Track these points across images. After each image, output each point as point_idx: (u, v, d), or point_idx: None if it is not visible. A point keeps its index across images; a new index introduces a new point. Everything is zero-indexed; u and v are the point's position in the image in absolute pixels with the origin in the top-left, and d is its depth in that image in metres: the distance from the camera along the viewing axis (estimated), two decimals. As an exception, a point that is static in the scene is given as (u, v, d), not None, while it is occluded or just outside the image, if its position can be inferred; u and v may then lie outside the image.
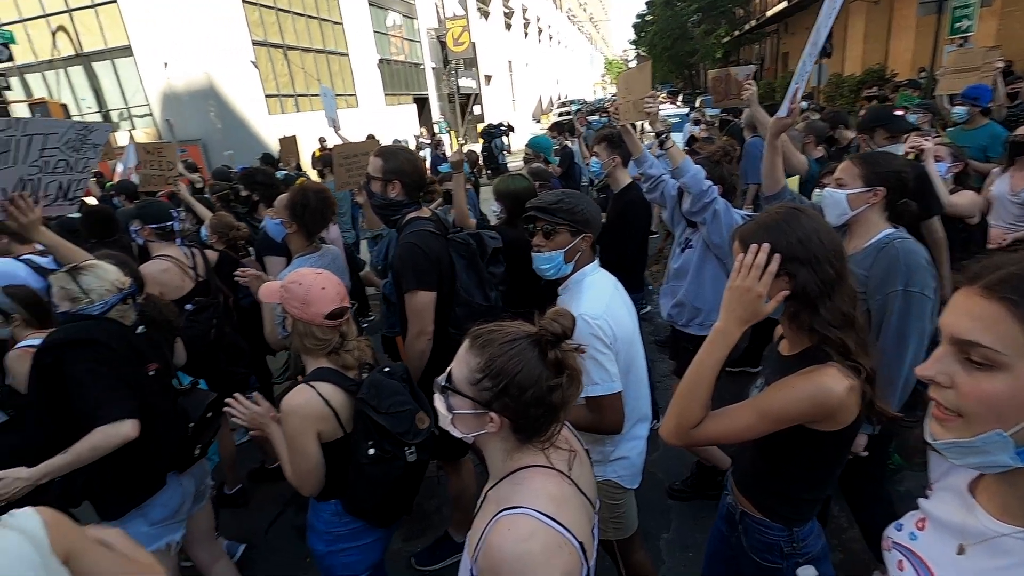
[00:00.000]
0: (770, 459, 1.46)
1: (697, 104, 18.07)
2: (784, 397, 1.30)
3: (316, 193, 2.74)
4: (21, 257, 3.22)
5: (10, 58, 10.73)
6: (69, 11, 13.86)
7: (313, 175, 8.73)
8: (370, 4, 20.88)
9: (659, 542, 2.77)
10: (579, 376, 1.09)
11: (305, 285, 1.75)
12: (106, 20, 13.71)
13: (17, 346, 2.41)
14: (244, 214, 4.39)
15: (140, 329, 2.06)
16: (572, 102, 35.09)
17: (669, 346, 3.74)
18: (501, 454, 1.13)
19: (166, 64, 13.32)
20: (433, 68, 26.52)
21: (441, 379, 1.13)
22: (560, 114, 28.05)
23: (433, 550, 2.80)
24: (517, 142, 21.38)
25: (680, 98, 30.47)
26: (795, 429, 1.31)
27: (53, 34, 14.13)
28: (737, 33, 28.13)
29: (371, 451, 1.72)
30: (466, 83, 27.96)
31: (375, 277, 3.49)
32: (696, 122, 10.15)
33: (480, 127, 25.39)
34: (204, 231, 3.56)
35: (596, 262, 1.99)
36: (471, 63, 28.23)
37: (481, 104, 29.25)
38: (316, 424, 1.71)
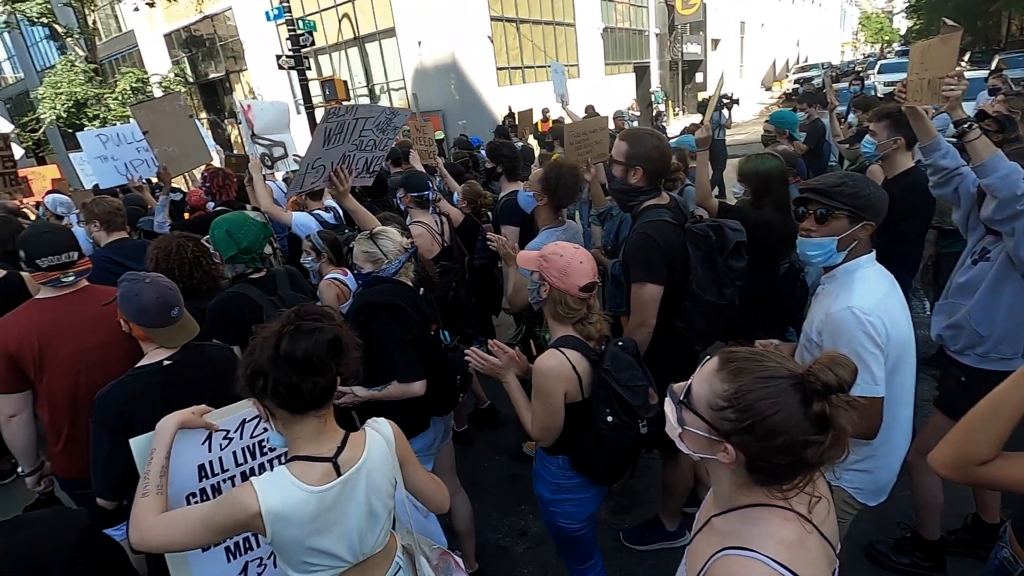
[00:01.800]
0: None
1: (994, 65, 13.95)
2: None
3: (569, 170, 2.92)
4: (312, 212, 4.08)
5: (312, 43, 13.27)
6: (352, 0, 16.50)
7: (532, 145, 9.17)
8: (600, -29, 20.78)
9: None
10: (846, 437, 0.94)
11: (566, 257, 1.89)
12: (378, 6, 16.00)
13: (325, 277, 3.09)
14: (483, 183, 4.86)
15: (422, 291, 2.42)
16: (813, 66, 30.53)
17: (940, 368, 3.19)
18: (730, 485, 1.04)
19: (420, 43, 15.10)
20: (657, 34, 25.46)
21: (679, 392, 1.08)
22: (796, 81, 24.69)
23: (643, 531, 2.86)
24: (740, 114, 19.55)
25: (967, 57, 24.06)
26: None
27: (339, 21, 16.99)
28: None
29: (609, 418, 1.85)
30: (691, 49, 26.30)
31: (603, 256, 3.57)
32: (992, 90, 7.99)
33: (700, 97, 23.83)
34: (456, 196, 4.03)
35: (872, 254, 1.79)
36: (698, 27, 26.40)
37: (705, 72, 27.32)
38: (564, 385, 1.87)
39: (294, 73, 13.97)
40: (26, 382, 2.30)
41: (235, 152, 19.97)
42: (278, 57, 13.52)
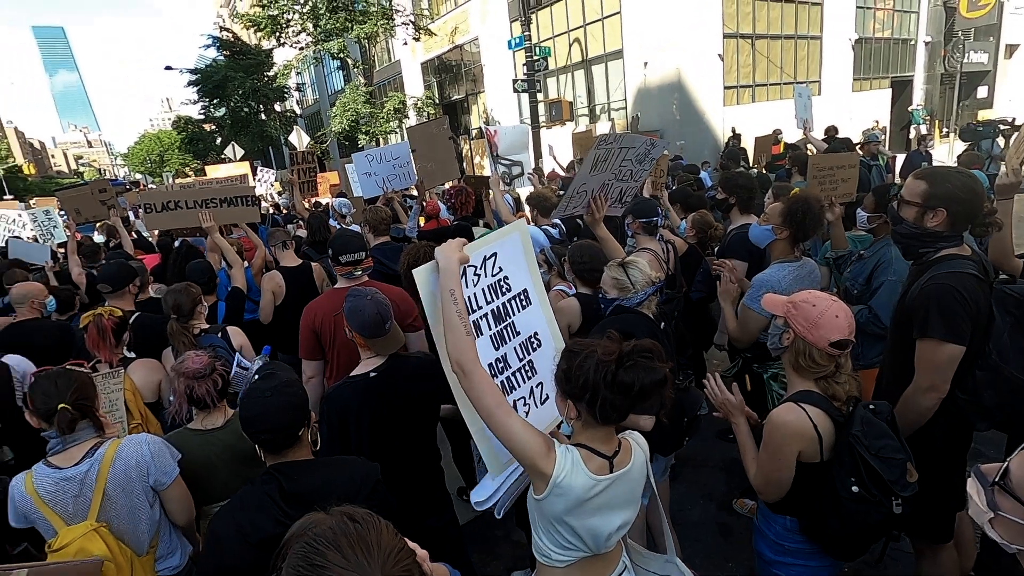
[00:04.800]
0: None
1: None
2: None
3: (816, 202, 2.81)
4: (541, 227, 4.41)
5: (546, 67, 14.28)
6: (584, 25, 17.27)
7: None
8: (859, -24, 18.46)
9: None
10: None
11: (819, 308, 1.78)
12: (608, 29, 16.49)
13: (553, 289, 3.33)
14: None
15: (663, 325, 2.46)
16: None
17: None
18: None
19: (646, 63, 15.14)
20: (927, 43, 21.65)
21: (991, 473, 1.01)
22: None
23: None
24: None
25: None
26: None
27: (570, 45, 17.93)
28: None
29: (855, 488, 1.70)
30: (975, 58, 21.75)
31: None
32: None
33: (982, 116, 19.51)
34: (683, 225, 4.00)
35: None
36: (988, 31, 21.72)
37: (991, 85, 22.34)
38: (799, 443, 1.77)
39: (524, 95, 15.17)
40: (322, 353, 2.93)
41: (464, 165, 22.42)
42: (514, 81, 14.82)
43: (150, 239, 6.80)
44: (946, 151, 16.51)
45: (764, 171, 7.60)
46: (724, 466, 3.65)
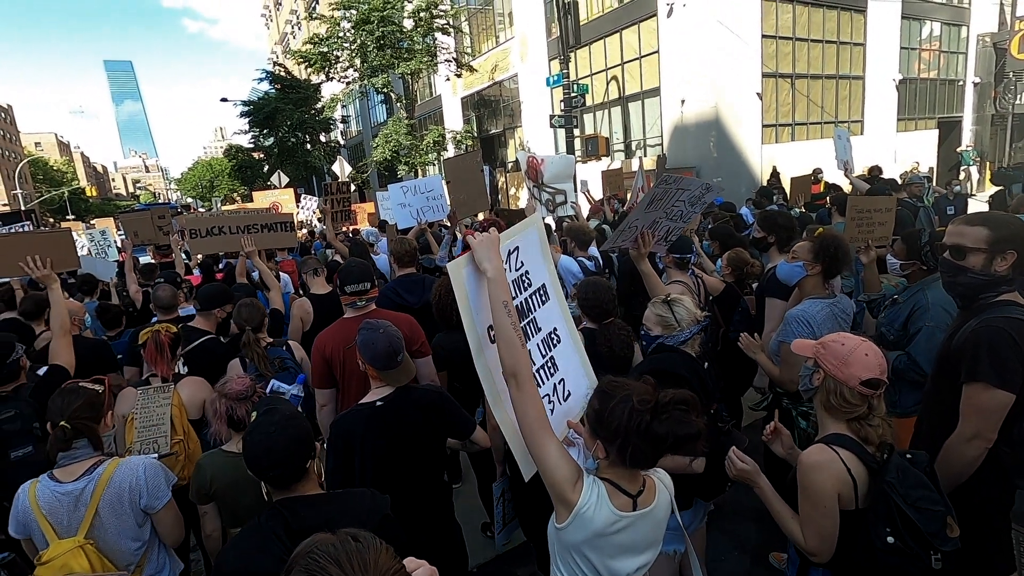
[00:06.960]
0: None
1: None
2: None
3: (844, 240, 2.85)
4: (577, 259, 4.41)
5: (583, 104, 14.50)
6: (622, 63, 17.54)
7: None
8: (903, 17, 18.27)
9: None
10: None
11: (849, 347, 1.76)
12: (646, 68, 16.69)
13: (580, 327, 3.30)
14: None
15: (706, 364, 2.40)
16: None
17: None
18: None
19: (683, 101, 15.22)
20: (975, 84, 21.18)
21: None
22: None
23: None
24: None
25: None
26: None
27: (607, 83, 18.21)
28: None
29: (890, 539, 1.63)
30: (1027, 99, 21.12)
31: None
32: None
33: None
34: (719, 263, 3.95)
35: None
36: (1042, 72, 21.12)
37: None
38: (836, 484, 1.71)
39: (561, 130, 15.40)
40: (334, 381, 2.97)
41: (500, 196, 22.77)
42: (551, 117, 15.08)
43: (188, 262, 7.11)
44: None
45: (803, 211, 7.46)
46: (758, 516, 3.48)
